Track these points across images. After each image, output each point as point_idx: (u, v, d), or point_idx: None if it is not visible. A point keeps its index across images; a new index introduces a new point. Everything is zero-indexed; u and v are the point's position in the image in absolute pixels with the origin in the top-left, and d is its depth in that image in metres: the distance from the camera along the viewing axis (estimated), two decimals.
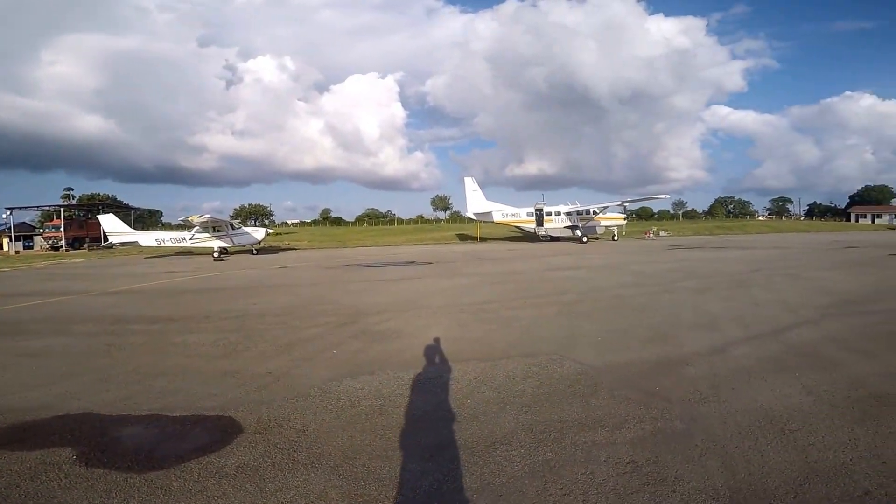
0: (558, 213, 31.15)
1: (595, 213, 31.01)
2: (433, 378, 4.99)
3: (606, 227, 32.53)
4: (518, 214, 32.19)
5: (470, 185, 32.25)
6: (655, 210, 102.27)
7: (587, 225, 30.88)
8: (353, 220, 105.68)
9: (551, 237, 30.96)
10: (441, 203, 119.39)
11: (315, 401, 4.36)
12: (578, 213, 30.97)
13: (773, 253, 20.90)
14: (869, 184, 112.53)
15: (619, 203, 32.57)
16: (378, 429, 3.74)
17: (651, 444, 3.41)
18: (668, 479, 2.97)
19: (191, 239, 23.72)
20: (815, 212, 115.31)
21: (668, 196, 64.83)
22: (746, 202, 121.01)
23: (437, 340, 6.33)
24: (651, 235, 37.48)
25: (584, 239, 29.64)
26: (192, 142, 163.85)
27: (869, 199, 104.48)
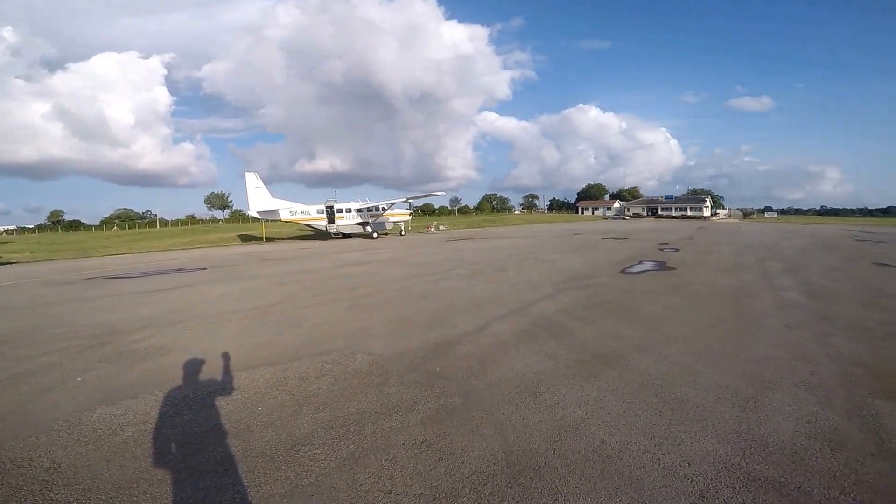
0: (349, 210, 31.20)
1: (384, 209, 32.12)
2: (216, 391, 4.51)
3: (395, 222, 34.10)
4: (308, 212, 31.05)
5: (252, 180, 29.59)
6: (436, 206, 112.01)
7: (377, 221, 31.80)
8: (97, 223, 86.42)
9: (343, 234, 30.90)
10: (218, 201, 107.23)
11: (63, 435, 3.63)
12: (369, 209, 31.61)
13: (524, 241, 25.16)
14: (591, 182, 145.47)
15: (405, 199, 34.35)
16: (155, 453, 3.33)
17: (438, 422, 3.75)
18: (456, 451, 3.31)
19: None
20: (555, 206, 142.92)
21: (444, 193, 71.66)
22: (506, 198, 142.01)
23: (216, 351, 5.71)
24: (432, 230, 40.79)
25: (375, 235, 30.49)
26: None
27: (591, 195, 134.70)
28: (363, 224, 31.12)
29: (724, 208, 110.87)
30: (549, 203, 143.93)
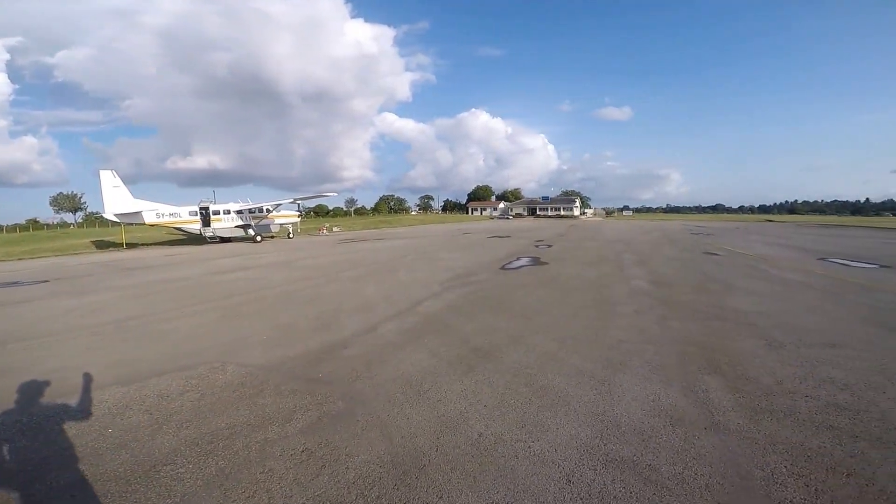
0: (228, 212, 28.81)
1: (269, 210, 30.29)
2: (57, 415, 4.01)
3: (282, 224, 32.36)
4: (178, 214, 27.96)
5: (109, 179, 25.72)
6: (331, 207, 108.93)
7: (261, 223, 29.88)
8: None
9: (221, 238, 28.48)
10: (68, 202, 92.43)
11: None
12: (251, 211, 29.52)
13: (417, 241, 25.58)
14: (480, 184, 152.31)
15: (293, 200, 32.74)
16: None
17: (320, 429, 3.67)
18: (340, 457, 3.27)
19: None
20: (448, 207, 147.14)
21: (336, 193, 69.70)
22: (403, 199, 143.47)
23: (59, 372, 5.03)
24: (325, 231, 39.51)
25: (259, 238, 28.62)
26: None
27: (479, 196, 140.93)
28: (245, 227, 29.00)
29: (590, 208, 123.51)
30: (443, 204, 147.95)
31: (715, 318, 7.03)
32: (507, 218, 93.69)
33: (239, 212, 29.11)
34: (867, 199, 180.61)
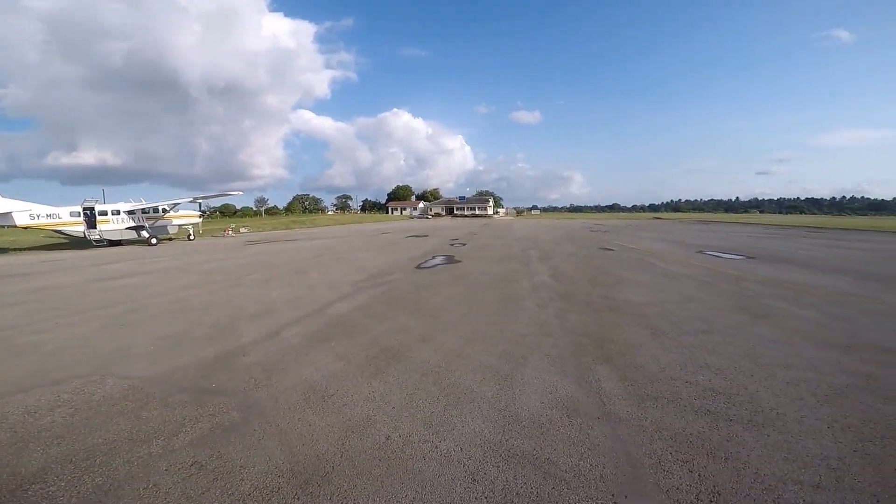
0: (117, 213, 25.81)
1: (166, 210, 27.66)
2: None
3: (181, 225, 29.74)
4: (58, 215, 24.53)
5: None
6: (239, 206, 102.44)
7: (156, 224, 27.21)
8: None
9: (109, 241, 25.48)
10: None
11: None
12: (144, 211, 26.75)
13: (332, 242, 24.82)
14: (400, 184, 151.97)
15: (193, 199, 30.19)
16: None
17: (211, 442, 3.45)
18: (234, 469, 3.09)
19: None
20: (367, 206, 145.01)
21: (242, 192, 65.53)
22: (319, 199, 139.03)
23: None
24: (230, 232, 37.00)
25: (154, 241, 25.99)
26: None
27: (399, 195, 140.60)
28: (137, 228, 26.22)
29: (503, 207, 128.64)
30: (361, 203, 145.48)
31: (607, 309, 7.56)
32: (426, 217, 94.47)
33: (131, 212, 26.26)
34: (737, 197, 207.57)
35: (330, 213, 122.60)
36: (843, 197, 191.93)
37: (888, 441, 3.28)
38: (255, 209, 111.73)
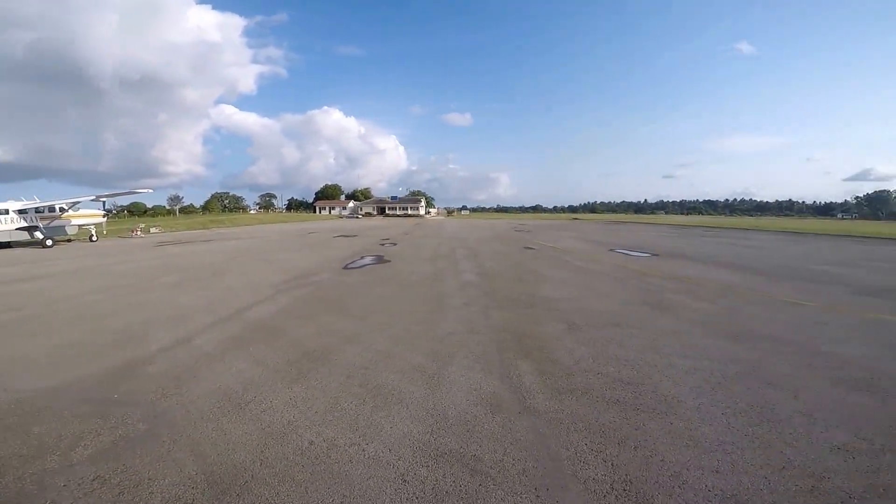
0: (6, 212, 22.76)
1: (63, 209, 24.76)
2: None
3: (81, 225, 26.79)
4: None
5: None
6: (150, 205, 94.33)
7: (52, 225, 24.27)
8: None
9: None
10: None
11: None
12: (38, 210, 23.79)
13: (253, 242, 23.63)
14: (329, 183, 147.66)
15: (96, 198, 27.34)
16: None
17: (115, 455, 3.22)
18: (142, 482, 2.90)
19: None
20: (293, 205, 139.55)
21: (152, 190, 60.42)
22: (240, 197, 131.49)
23: None
24: (139, 233, 33.91)
25: (49, 242, 23.16)
26: None
27: (328, 194, 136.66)
28: (30, 229, 23.24)
29: (434, 207, 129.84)
30: (287, 202, 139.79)
31: (528, 305, 7.90)
32: (357, 217, 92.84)
33: (22, 211, 23.21)
34: (646, 199, 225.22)
35: (252, 212, 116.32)
36: (735, 199, 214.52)
37: (773, 424, 3.64)
38: (168, 208, 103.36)
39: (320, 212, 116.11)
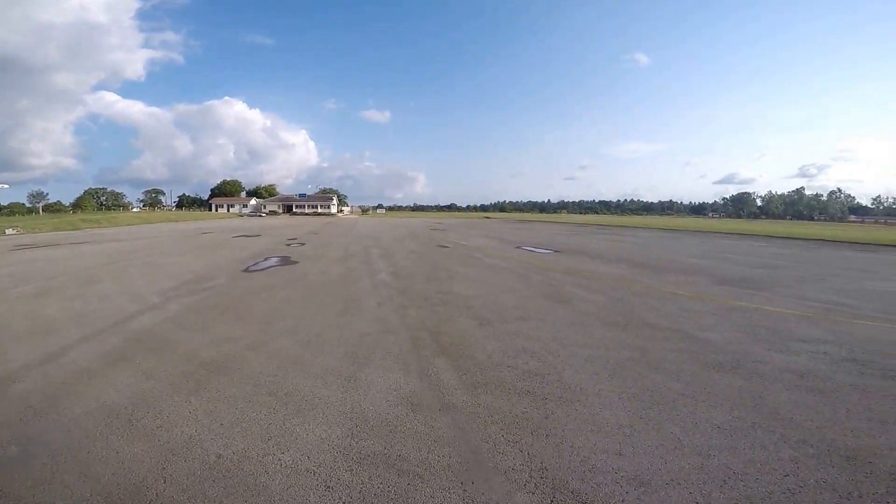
0: None
1: None
2: None
3: None
4: None
5: None
6: (5, 203, 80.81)
7: None
8: None
9: None
10: None
11: None
12: None
13: (137, 244, 21.19)
14: (227, 178, 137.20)
15: None
16: None
17: None
18: None
19: None
20: (185, 203, 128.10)
21: (7, 186, 51.88)
22: (121, 194, 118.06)
23: None
24: None
25: None
26: None
27: (226, 191, 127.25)
28: None
29: (347, 206, 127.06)
30: (178, 199, 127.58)
31: (442, 303, 8.02)
32: (259, 215, 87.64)
33: None
34: (549, 199, 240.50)
35: (136, 210, 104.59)
36: (625, 199, 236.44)
37: (662, 407, 3.98)
38: (29, 206, 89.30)
39: (217, 210, 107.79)
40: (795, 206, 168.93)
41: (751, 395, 4.24)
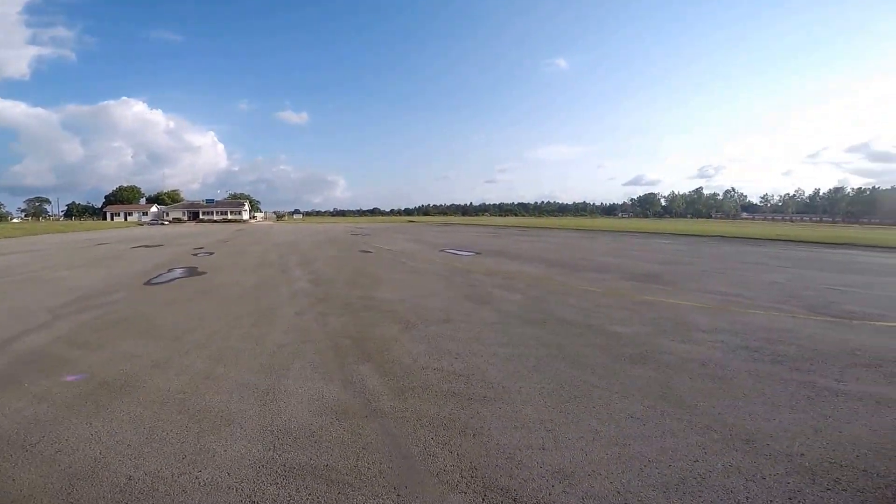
0: None
1: None
2: None
3: None
4: None
5: None
6: None
7: None
8: None
9: None
10: None
11: None
12: None
13: (19, 258, 18.64)
14: (123, 184, 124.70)
15: None
16: None
17: None
18: None
19: None
20: (75, 212, 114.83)
21: None
22: None
23: None
24: None
25: None
26: None
27: (123, 198, 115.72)
28: None
29: (261, 211, 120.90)
30: (66, 208, 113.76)
31: (365, 308, 7.93)
32: (162, 223, 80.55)
33: None
34: (471, 202, 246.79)
35: (16, 220, 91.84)
36: (543, 201, 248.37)
37: (580, 400, 4.18)
38: None
39: (113, 218, 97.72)
40: (695, 205, 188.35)
41: (659, 384, 4.56)
